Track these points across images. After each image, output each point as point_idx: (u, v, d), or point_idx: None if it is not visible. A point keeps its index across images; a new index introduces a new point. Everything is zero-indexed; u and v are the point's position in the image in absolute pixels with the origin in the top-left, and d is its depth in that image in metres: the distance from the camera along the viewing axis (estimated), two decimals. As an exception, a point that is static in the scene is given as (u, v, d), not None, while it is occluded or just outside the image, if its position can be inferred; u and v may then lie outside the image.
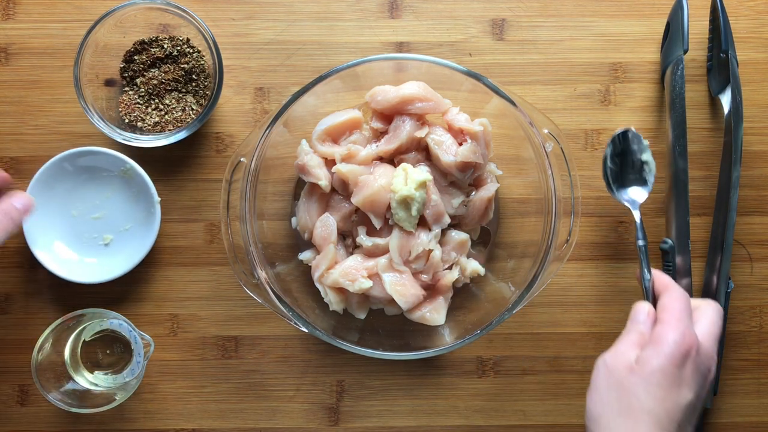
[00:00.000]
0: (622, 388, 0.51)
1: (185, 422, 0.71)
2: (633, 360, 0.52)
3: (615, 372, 0.52)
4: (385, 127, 0.65)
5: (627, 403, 0.51)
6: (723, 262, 0.66)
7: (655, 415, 0.50)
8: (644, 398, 0.50)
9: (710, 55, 0.70)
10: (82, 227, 0.70)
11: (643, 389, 0.50)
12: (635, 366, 0.51)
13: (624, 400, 0.51)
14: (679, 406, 0.51)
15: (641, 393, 0.50)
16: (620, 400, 0.51)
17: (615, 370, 0.52)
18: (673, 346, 0.51)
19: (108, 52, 0.68)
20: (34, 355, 0.64)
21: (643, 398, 0.50)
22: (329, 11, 0.71)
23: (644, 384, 0.50)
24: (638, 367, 0.51)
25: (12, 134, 0.71)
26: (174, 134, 0.66)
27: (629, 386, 0.51)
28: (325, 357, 0.71)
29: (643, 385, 0.50)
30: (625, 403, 0.51)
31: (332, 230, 0.64)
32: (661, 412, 0.50)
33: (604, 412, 0.51)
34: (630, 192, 0.65)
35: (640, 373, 0.51)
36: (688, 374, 0.51)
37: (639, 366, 0.51)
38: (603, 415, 0.51)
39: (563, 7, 0.71)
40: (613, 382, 0.52)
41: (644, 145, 0.64)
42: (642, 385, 0.50)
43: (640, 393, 0.50)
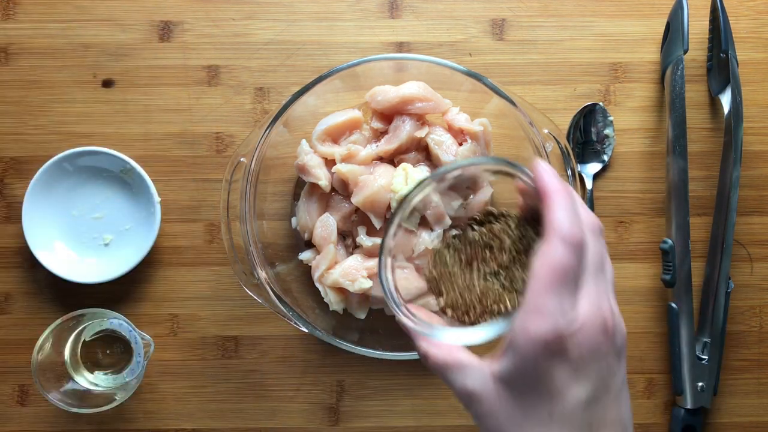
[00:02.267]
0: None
1: (185, 422, 0.71)
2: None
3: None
4: (385, 127, 0.65)
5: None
6: (723, 262, 0.66)
7: None
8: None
9: (710, 55, 0.70)
10: (82, 227, 0.70)
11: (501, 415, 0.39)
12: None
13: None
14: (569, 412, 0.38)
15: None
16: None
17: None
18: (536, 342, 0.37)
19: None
20: (34, 355, 0.64)
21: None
22: (329, 11, 0.71)
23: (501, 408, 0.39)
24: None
25: (12, 134, 0.71)
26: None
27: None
28: (325, 357, 0.71)
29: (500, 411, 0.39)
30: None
31: (332, 230, 0.64)
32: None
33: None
34: (588, 167, 0.71)
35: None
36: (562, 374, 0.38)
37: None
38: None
39: (563, 7, 0.71)
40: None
41: (609, 120, 0.68)
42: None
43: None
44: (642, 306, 0.71)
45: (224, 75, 0.71)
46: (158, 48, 0.71)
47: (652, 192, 0.71)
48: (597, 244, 0.39)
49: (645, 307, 0.71)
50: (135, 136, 0.71)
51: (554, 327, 0.36)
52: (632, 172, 0.71)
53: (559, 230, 0.37)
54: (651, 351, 0.71)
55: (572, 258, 0.37)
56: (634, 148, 0.71)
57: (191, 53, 0.71)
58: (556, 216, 0.38)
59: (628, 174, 0.71)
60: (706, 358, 0.67)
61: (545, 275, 0.37)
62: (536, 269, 0.37)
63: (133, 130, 0.71)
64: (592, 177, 0.71)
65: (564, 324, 0.36)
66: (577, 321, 0.37)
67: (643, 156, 0.71)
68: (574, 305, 0.37)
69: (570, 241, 0.37)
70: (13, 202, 0.70)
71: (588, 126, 0.71)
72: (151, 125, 0.71)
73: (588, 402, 0.37)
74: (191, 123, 0.71)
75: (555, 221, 0.38)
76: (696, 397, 0.67)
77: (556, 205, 0.38)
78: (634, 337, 0.71)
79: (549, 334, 0.36)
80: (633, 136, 0.71)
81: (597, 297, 0.38)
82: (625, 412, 0.40)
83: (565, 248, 0.37)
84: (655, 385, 0.71)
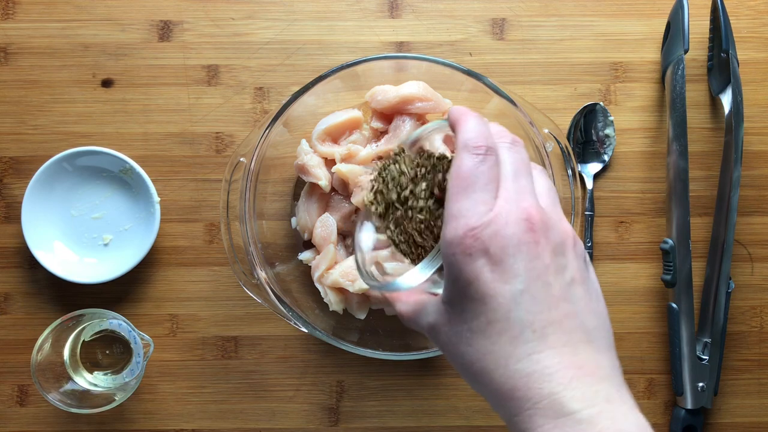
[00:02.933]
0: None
1: (185, 422, 0.70)
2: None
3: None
4: (385, 126, 0.65)
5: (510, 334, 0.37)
6: (723, 262, 0.66)
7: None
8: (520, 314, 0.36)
9: (711, 54, 0.70)
10: (82, 227, 0.70)
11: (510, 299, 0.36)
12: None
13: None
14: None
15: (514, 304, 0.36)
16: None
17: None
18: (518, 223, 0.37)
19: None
20: (34, 355, 0.64)
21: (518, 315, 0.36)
22: (329, 11, 0.71)
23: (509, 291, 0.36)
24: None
25: (12, 134, 0.71)
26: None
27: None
28: (325, 357, 0.71)
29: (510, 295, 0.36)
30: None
31: (332, 230, 0.64)
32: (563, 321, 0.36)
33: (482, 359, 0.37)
34: (589, 167, 0.71)
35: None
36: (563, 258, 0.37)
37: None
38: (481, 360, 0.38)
39: (564, 7, 0.71)
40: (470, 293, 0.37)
41: (609, 120, 0.68)
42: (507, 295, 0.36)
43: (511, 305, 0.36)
44: (642, 306, 0.71)
45: (224, 75, 0.71)
46: (158, 48, 0.71)
47: (652, 192, 0.71)
48: (513, 153, 0.40)
49: (645, 307, 0.71)
50: (134, 136, 0.71)
51: (465, 224, 0.36)
52: (633, 172, 0.71)
53: (462, 141, 0.38)
54: (651, 351, 0.71)
55: (477, 162, 0.37)
56: (634, 148, 0.71)
57: (191, 53, 0.71)
58: (459, 132, 0.39)
59: (629, 174, 0.71)
60: (707, 358, 0.67)
61: (454, 184, 0.38)
62: (448, 183, 0.38)
63: (132, 130, 0.71)
64: (592, 177, 0.71)
65: (475, 220, 0.36)
66: (490, 216, 0.37)
67: (644, 156, 0.71)
68: (490, 206, 0.37)
69: (473, 147, 0.38)
70: (13, 202, 0.70)
71: (588, 126, 0.71)
72: (150, 125, 0.71)
73: (520, 298, 0.36)
74: (191, 123, 0.71)
75: (459, 136, 0.39)
76: (696, 398, 0.67)
77: (461, 125, 0.39)
78: (635, 338, 0.71)
79: (461, 230, 0.36)
80: (633, 136, 0.71)
81: (516, 195, 0.38)
82: (583, 312, 0.37)
83: (468, 154, 0.38)
84: (655, 386, 0.71)
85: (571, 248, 0.39)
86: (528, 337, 0.36)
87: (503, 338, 0.36)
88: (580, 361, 0.36)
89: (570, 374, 0.35)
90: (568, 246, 0.39)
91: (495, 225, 0.36)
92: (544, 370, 0.35)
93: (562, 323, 0.37)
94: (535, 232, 0.37)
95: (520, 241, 0.36)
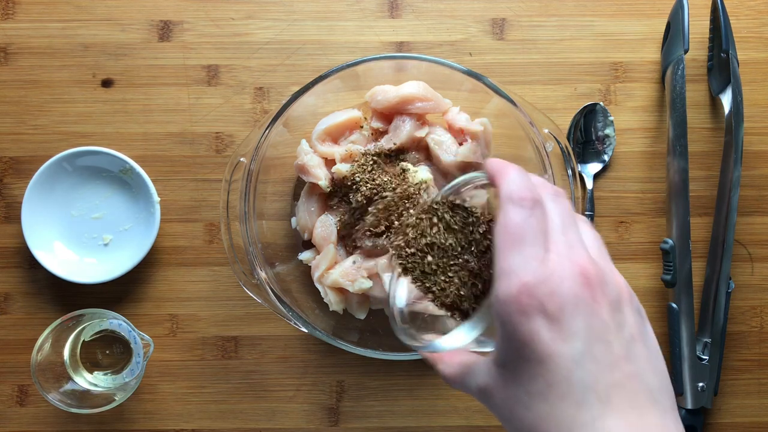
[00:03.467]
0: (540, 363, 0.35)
1: (185, 423, 0.70)
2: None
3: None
4: (385, 127, 0.65)
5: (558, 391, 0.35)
6: (723, 262, 0.66)
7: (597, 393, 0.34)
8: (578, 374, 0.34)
9: (711, 54, 0.70)
10: (82, 227, 0.70)
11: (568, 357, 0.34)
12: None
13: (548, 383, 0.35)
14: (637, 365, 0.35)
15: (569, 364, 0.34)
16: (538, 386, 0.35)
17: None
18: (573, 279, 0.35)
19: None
20: (34, 355, 0.64)
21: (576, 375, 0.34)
22: (329, 11, 0.71)
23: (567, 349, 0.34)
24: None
25: (12, 134, 0.71)
26: None
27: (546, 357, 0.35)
28: (325, 357, 0.71)
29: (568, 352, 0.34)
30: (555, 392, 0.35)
31: (332, 230, 0.64)
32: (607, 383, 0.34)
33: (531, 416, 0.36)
34: (589, 167, 0.71)
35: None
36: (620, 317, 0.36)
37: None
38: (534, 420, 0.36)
39: (564, 7, 0.71)
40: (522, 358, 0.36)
41: (609, 120, 0.68)
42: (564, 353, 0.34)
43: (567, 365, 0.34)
44: (642, 306, 0.71)
45: (224, 75, 0.71)
46: (158, 48, 0.71)
47: (652, 192, 0.71)
48: (558, 204, 0.38)
49: (645, 307, 0.70)
50: (134, 136, 0.71)
51: (519, 281, 0.35)
52: (633, 172, 0.71)
53: (506, 194, 0.37)
54: (651, 351, 0.71)
55: (525, 215, 0.36)
56: (634, 148, 0.71)
57: (191, 53, 0.71)
58: (502, 185, 0.37)
59: (629, 174, 0.71)
60: (707, 358, 0.67)
61: (502, 239, 0.36)
62: (495, 238, 0.36)
63: (132, 130, 0.71)
64: (592, 177, 0.71)
65: (530, 277, 0.35)
66: (545, 271, 0.35)
67: (644, 156, 0.71)
68: (542, 261, 0.35)
69: (519, 201, 0.36)
70: (13, 202, 0.70)
71: (588, 126, 0.71)
72: (150, 125, 0.71)
73: (581, 360, 0.34)
74: (191, 123, 0.71)
75: (502, 189, 0.37)
76: (696, 398, 0.67)
77: (503, 178, 0.38)
78: (635, 338, 0.71)
79: (516, 288, 0.35)
80: (633, 136, 0.71)
81: (567, 249, 0.36)
82: (645, 371, 0.35)
83: (514, 208, 0.36)
84: (655, 386, 0.71)
85: (627, 303, 0.37)
86: (591, 401, 0.34)
87: (565, 402, 0.34)
88: (646, 425, 0.34)
89: None
90: (625, 301, 0.37)
91: (550, 281, 0.34)
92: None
93: (626, 385, 0.35)
94: (592, 288, 0.35)
95: (577, 298, 0.35)
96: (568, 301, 0.34)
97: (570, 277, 0.35)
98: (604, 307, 0.35)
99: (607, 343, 0.35)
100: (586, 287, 0.35)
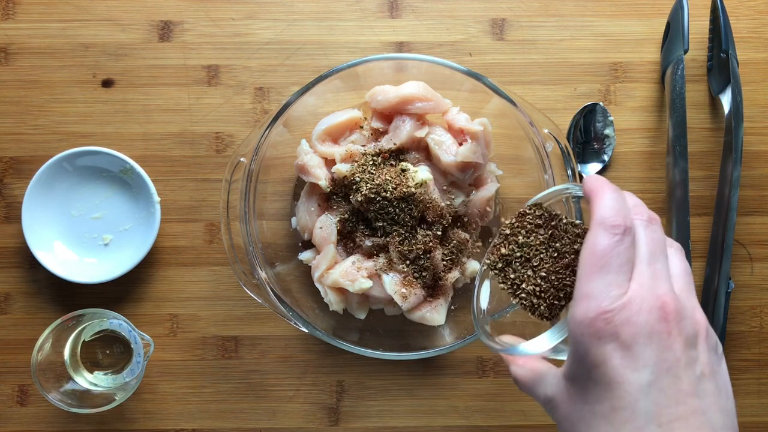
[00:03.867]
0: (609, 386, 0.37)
1: (185, 422, 0.70)
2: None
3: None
4: (385, 127, 0.65)
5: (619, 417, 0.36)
6: (723, 262, 0.66)
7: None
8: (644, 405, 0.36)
9: (710, 54, 0.70)
10: (82, 227, 0.70)
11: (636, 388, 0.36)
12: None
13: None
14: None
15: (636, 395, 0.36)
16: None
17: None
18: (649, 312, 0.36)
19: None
20: (34, 355, 0.64)
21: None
22: (329, 11, 0.71)
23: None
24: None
25: (12, 134, 0.71)
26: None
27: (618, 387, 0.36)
28: (325, 357, 0.71)
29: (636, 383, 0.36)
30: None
31: (332, 230, 0.64)
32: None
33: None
34: (589, 167, 0.71)
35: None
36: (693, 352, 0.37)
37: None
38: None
39: (563, 7, 0.71)
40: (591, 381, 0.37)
41: (609, 120, 0.68)
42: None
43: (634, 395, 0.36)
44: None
45: (224, 75, 0.71)
46: (158, 48, 0.71)
47: (652, 192, 0.71)
48: (650, 233, 0.39)
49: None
50: (135, 136, 0.71)
51: (597, 306, 0.36)
52: (632, 172, 0.71)
53: (599, 217, 0.38)
54: (651, 351, 0.71)
55: (614, 242, 0.37)
56: (634, 148, 0.71)
57: (191, 53, 0.71)
58: (596, 207, 0.38)
59: (628, 174, 0.71)
60: (707, 358, 0.67)
61: (588, 261, 0.37)
62: (581, 258, 0.37)
63: (132, 130, 0.71)
64: None
65: (608, 303, 0.36)
66: (624, 301, 0.36)
67: (643, 156, 0.71)
68: (624, 289, 0.36)
69: (610, 226, 0.37)
70: (13, 202, 0.70)
71: (588, 126, 0.71)
72: (150, 125, 0.71)
73: (648, 389, 0.35)
74: (191, 123, 0.71)
75: (596, 211, 0.38)
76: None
77: (598, 198, 0.39)
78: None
79: (592, 312, 0.36)
80: (633, 136, 0.71)
81: (651, 280, 0.37)
82: (711, 409, 0.36)
83: (605, 233, 0.37)
84: (655, 385, 0.71)
85: (703, 340, 0.38)
86: (652, 430, 0.35)
87: (626, 428, 0.36)
88: None
89: None
90: (701, 338, 0.38)
91: (628, 311, 0.36)
92: None
93: (689, 420, 0.36)
94: (669, 322, 0.36)
95: (652, 331, 0.36)
96: (643, 332, 0.36)
97: (648, 310, 0.36)
98: (678, 341, 0.36)
99: (676, 377, 0.36)
100: (663, 321, 0.36)
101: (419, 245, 0.62)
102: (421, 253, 0.62)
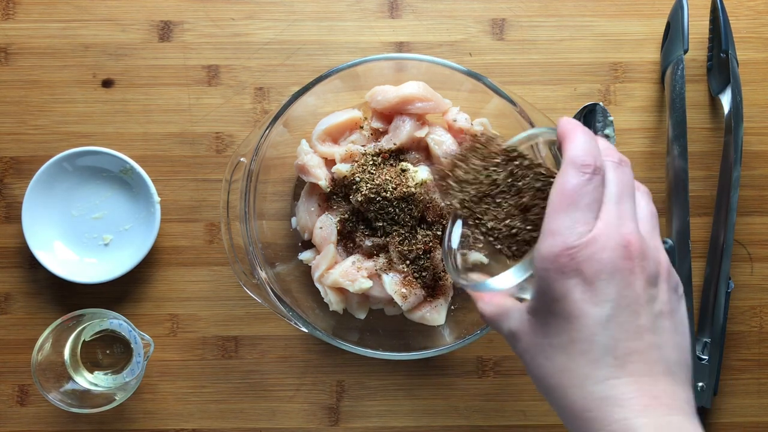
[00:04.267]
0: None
1: (185, 422, 0.70)
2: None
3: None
4: (385, 127, 0.65)
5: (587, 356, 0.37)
6: (723, 262, 0.66)
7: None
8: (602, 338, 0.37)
9: (710, 54, 0.70)
10: (82, 227, 0.70)
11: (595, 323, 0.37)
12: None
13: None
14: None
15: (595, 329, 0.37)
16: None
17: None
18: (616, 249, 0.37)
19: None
20: (34, 355, 0.64)
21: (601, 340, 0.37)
22: (329, 11, 0.71)
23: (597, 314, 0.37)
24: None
25: (12, 134, 0.71)
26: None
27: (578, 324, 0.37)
28: (325, 357, 0.71)
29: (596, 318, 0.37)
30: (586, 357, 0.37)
31: (332, 230, 0.64)
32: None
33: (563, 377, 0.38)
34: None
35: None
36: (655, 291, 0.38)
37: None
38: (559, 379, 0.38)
39: (563, 7, 0.71)
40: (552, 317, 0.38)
41: (609, 120, 0.68)
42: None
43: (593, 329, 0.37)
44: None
45: (224, 75, 0.71)
46: (158, 48, 0.71)
47: (652, 192, 0.70)
48: (619, 174, 0.40)
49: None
50: (135, 136, 0.71)
51: (563, 243, 0.37)
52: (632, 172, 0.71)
53: (570, 157, 0.38)
54: (651, 351, 0.71)
55: (582, 180, 0.37)
56: (634, 148, 0.71)
57: (191, 53, 0.71)
58: (568, 147, 0.39)
59: (628, 174, 0.71)
60: (707, 358, 0.67)
61: (556, 199, 0.38)
62: (550, 196, 0.38)
63: (132, 130, 0.71)
64: None
65: (573, 239, 0.37)
66: (589, 237, 0.37)
67: (643, 156, 0.71)
68: (590, 226, 0.37)
69: (579, 166, 0.38)
70: (13, 202, 0.70)
71: (588, 126, 0.71)
72: (150, 125, 0.71)
73: (607, 323, 0.36)
74: (191, 123, 0.71)
75: (567, 151, 0.39)
76: (696, 397, 0.67)
77: (570, 139, 0.39)
78: (635, 337, 0.71)
79: (557, 248, 0.37)
80: (633, 136, 0.71)
81: (617, 219, 0.38)
82: (666, 344, 0.37)
83: (574, 171, 0.38)
84: (655, 385, 0.71)
85: (664, 280, 0.39)
86: (608, 362, 0.36)
87: (583, 359, 0.37)
88: (656, 392, 0.36)
89: (644, 402, 0.35)
90: (662, 277, 0.39)
91: (592, 248, 0.37)
92: (619, 395, 0.36)
93: (644, 353, 0.37)
94: (632, 260, 0.37)
95: (615, 268, 0.37)
96: (606, 269, 0.37)
97: (612, 248, 0.37)
98: (640, 279, 0.37)
99: (635, 313, 0.37)
100: (626, 259, 0.37)
101: (419, 245, 0.62)
102: (421, 253, 0.62)
